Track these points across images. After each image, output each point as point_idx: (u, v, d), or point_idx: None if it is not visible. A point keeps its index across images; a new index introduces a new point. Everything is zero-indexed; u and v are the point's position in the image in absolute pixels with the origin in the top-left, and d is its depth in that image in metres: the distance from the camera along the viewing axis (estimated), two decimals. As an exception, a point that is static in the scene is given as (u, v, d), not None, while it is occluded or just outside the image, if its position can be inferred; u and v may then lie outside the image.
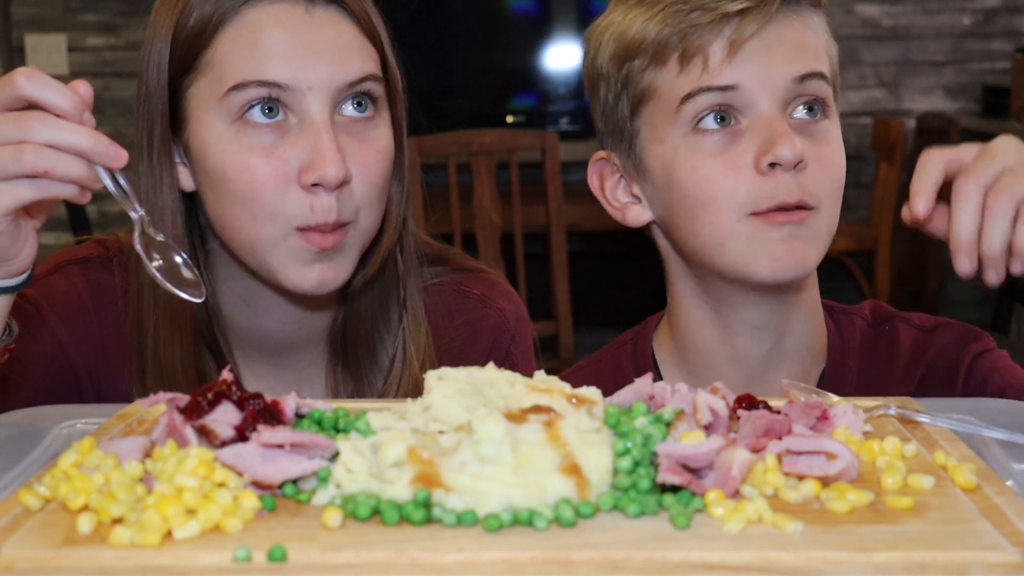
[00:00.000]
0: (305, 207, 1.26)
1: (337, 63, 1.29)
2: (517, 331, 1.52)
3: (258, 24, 1.28)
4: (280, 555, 0.77)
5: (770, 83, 1.31)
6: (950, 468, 0.91)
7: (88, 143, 1.03)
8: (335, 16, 1.31)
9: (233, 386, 0.96)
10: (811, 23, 1.36)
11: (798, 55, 1.33)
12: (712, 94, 1.31)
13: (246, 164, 1.27)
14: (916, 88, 5.05)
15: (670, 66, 1.34)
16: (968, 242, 1.12)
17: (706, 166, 1.32)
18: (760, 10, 1.32)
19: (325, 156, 1.25)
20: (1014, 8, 5.03)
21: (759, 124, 1.31)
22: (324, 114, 1.28)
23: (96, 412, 1.15)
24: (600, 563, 0.76)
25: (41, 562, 0.77)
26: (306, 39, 1.28)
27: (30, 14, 4.87)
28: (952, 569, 0.75)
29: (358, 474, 0.87)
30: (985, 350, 1.42)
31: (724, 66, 1.31)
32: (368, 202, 1.31)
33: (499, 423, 0.86)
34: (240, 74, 1.27)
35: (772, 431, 0.94)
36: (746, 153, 1.30)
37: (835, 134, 1.36)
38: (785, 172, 1.29)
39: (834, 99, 1.38)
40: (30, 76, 1.03)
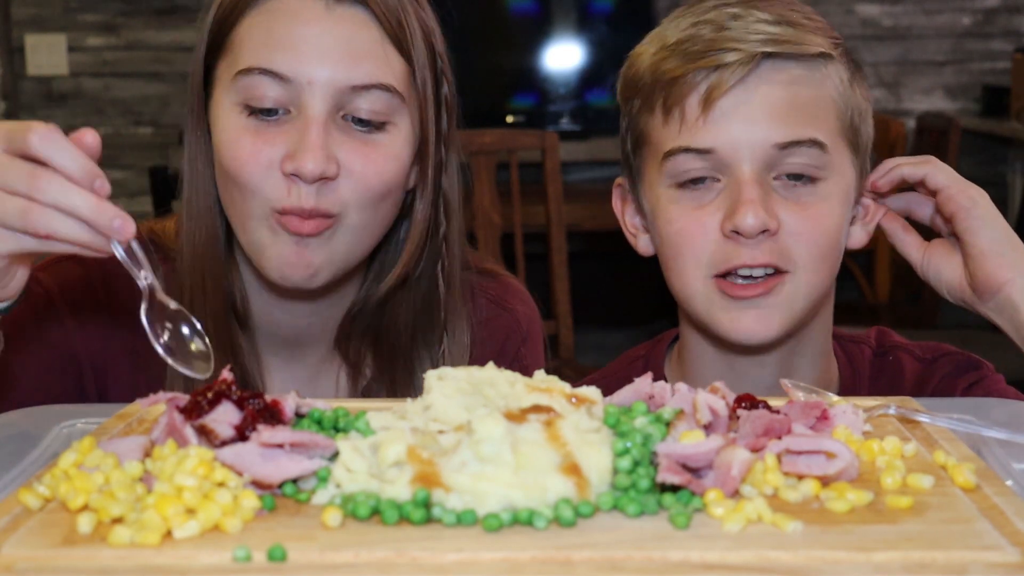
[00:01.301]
0: (283, 191, 1.28)
1: (343, 63, 1.28)
2: (529, 333, 1.53)
3: (276, 13, 1.30)
4: (280, 555, 0.77)
5: (748, 148, 1.28)
6: (950, 468, 0.91)
7: (93, 214, 1.00)
8: (358, 16, 1.30)
9: (233, 386, 0.96)
10: (813, 78, 1.30)
11: (784, 119, 1.28)
12: (690, 156, 1.30)
13: (235, 142, 1.29)
14: (916, 88, 5.05)
15: (656, 114, 1.33)
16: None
17: (680, 221, 1.31)
18: (740, 66, 1.27)
19: (307, 149, 1.26)
20: (1014, 8, 5.02)
21: (732, 186, 1.29)
22: (319, 109, 1.28)
23: (96, 412, 1.15)
24: (600, 563, 0.76)
25: (41, 562, 0.77)
26: (317, 34, 1.28)
27: (30, 14, 4.87)
28: (952, 569, 0.75)
29: (358, 474, 0.87)
30: (981, 378, 1.42)
31: (700, 124, 1.28)
32: (358, 202, 1.30)
33: (499, 423, 0.86)
34: (248, 60, 1.29)
35: (772, 431, 0.94)
36: (716, 214, 1.29)
37: (828, 195, 1.31)
38: (749, 240, 1.27)
39: (853, 149, 1.33)
40: (44, 136, 1.01)
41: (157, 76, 4.92)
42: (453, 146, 1.43)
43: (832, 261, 1.33)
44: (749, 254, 1.28)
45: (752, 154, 1.28)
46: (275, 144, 1.28)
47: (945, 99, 5.06)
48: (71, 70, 4.86)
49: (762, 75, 1.28)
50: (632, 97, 1.37)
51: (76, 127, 1.06)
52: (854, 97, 1.34)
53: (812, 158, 1.29)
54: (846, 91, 1.33)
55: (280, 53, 1.28)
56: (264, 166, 1.28)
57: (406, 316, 1.42)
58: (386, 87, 1.30)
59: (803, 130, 1.28)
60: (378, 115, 1.31)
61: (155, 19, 4.90)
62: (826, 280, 1.34)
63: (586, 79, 4.80)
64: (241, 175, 1.29)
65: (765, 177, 1.29)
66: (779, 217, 1.28)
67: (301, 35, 1.28)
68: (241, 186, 1.30)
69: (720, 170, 1.29)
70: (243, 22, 1.31)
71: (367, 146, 1.31)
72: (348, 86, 1.28)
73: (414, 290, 1.42)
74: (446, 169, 1.41)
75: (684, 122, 1.29)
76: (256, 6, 1.31)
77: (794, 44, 1.28)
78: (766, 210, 1.27)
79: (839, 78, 1.32)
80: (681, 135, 1.30)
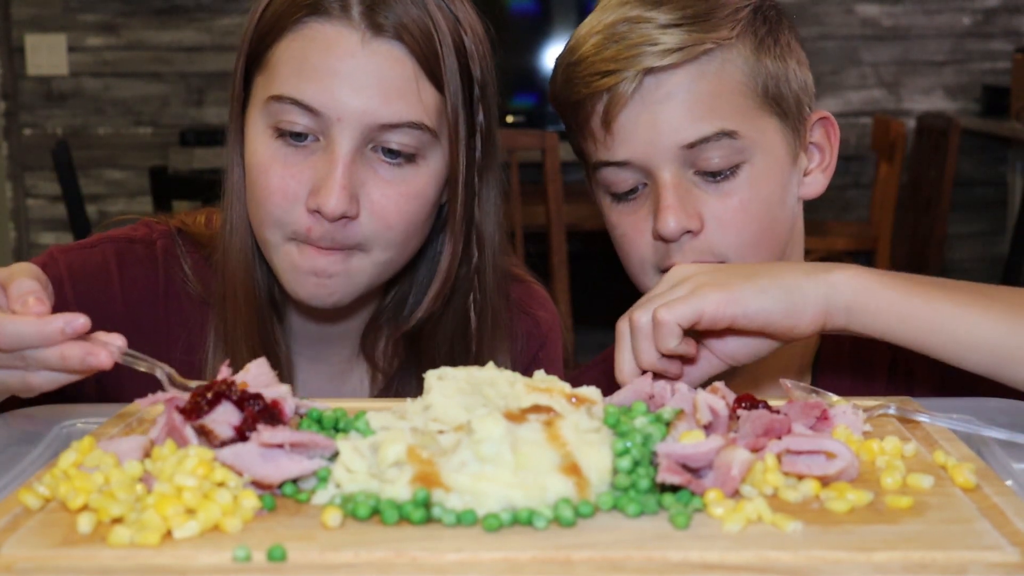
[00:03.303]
0: (304, 226, 1.28)
1: (375, 101, 1.27)
2: (548, 339, 1.53)
3: (312, 41, 1.28)
4: (280, 555, 0.77)
5: (658, 155, 1.29)
6: (950, 468, 0.91)
7: (73, 370, 1.03)
8: (393, 52, 1.28)
9: (233, 385, 0.96)
10: (709, 71, 1.29)
11: (687, 118, 1.29)
12: (611, 168, 1.33)
13: (265, 169, 1.29)
14: (916, 88, 5.05)
15: (575, 132, 1.37)
16: (630, 374, 1.15)
17: (621, 227, 1.36)
18: (624, 84, 1.28)
19: (331, 188, 1.26)
20: (1014, 8, 5.03)
21: (655, 192, 1.31)
22: (347, 146, 1.27)
23: (96, 412, 1.15)
24: (600, 563, 0.76)
25: (41, 562, 0.77)
26: (350, 70, 1.27)
27: (30, 14, 4.87)
28: (952, 569, 0.75)
29: (358, 474, 0.87)
30: None
31: (609, 140, 1.31)
32: (382, 239, 1.30)
33: (499, 423, 0.86)
34: (281, 87, 1.28)
35: (772, 431, 0.94)
36: (648, 217, 1.32)
37: (753, 176, 1.31)
38: (675, 242, 1.30)
39: (779, 114, 1.33)
40: (4, 336, 1.01)
41: (157, 76, 4.92)
42: (491, 173, 1.40)
43: (769, 240, 1.33)
44: (679, 257, 1.30)
45: (664, 158, 1.30)
46: (301, 179, 1.28)
47: (945, 99, 5.06)
48: (71, 70, 4.86)
49: (652, 83, 1.29)
50: (560, 113, 1.41)
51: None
52: (763, 66, 1.32)
53: (725, 149, 1.30)
54: (752, 67, 1.32)
55: (312, 85, 1.27)
56: (289, 200, 1.28)
57: (443, 340, 1.43)
58: (417, 125, 1.29)
59: (709, 125, 1.29)
60: (408, 148, 1.30)
61: (155, 19, 4.90)
62: (769, 255, 1.34)
63: (586, 79, 4.80)
64: (265, 206, 1.30)
65: (684, 176, 1.30)
66: (701, 214, 1.30)
67: (334, 69, 1.27)
68: (264, 214, 1.30)
69: (644, 176, 1.32)
70: (281, 43, 1.30)
71: (392, 184, 1.30)
72: (377, 124, 1.27)
73: (448, 316, 1.42)
74: (480, 199, 1.39)
75: (595, 140, 1.34)
76: (294, 28, 1.29)
77: (684, 50, 1.28)
78: (686, 211, 1.29)
79: (741, 58, 1.31)
80: (598, 151, 1.34)
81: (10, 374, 1.05)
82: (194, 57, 4.92)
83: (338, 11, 1.27)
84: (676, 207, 1.28)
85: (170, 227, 1.46)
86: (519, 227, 3.45)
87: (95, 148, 4.92)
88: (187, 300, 1.43)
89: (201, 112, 4.94)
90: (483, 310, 1.42)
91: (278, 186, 1.29)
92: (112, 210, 4.85)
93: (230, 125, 1.38)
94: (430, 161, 1.32)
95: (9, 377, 1.05)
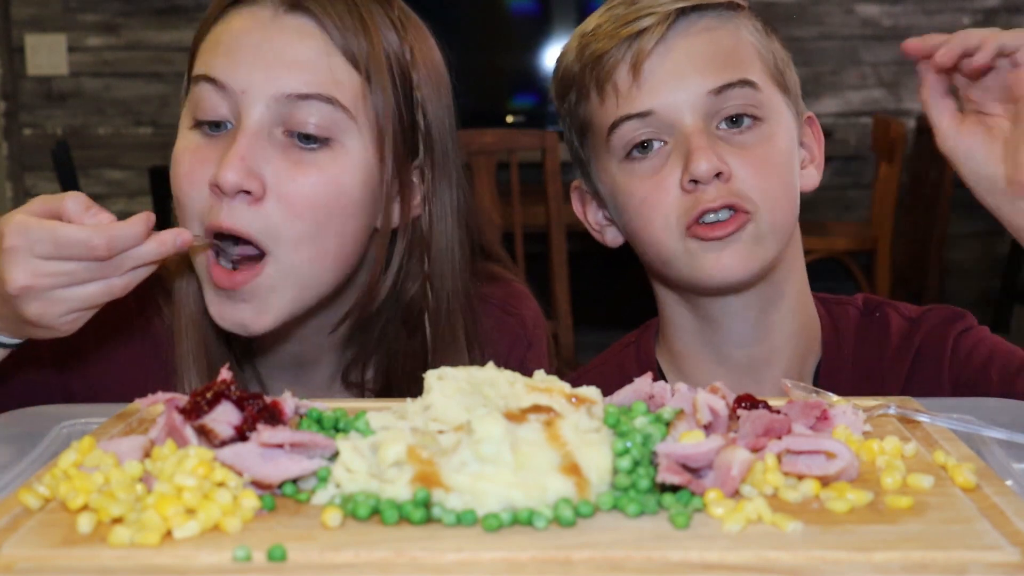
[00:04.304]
0: (207, 206, 1.25)
1: (279, 71, 1.24)
2: (533, 339, 1.52)
3: (228, 24, 1.29)
4: (280, 555, 0.77)
5: (685, 101, 1.31)
6: (950, 468, 0.91)
7: (164, 252, 1.16)
8: (304, 27, 1.26)
9: (232, 386, 0.96)
10: (728, 28, 1.35)
11: (712, 66, 1.32)
12: (632, 122, 1.33)
13: (178, 160, 1.28)
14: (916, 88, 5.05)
15: (591, 98, 1.37)
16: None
17: (641, 191, 1.34)
18: (656, 27, 1.32)
19: (227, 160, 1.22)
20: (1014, 8, 5.03)
21: (680, 142, 1.32)
22: (252, 120, 1.23)
23: (96, 412, 1.15)
24: (600, 563, 0.76)
25: (41, 562, 0.77)
26: (257, 42, 1.25)
27: (30, 14, 4.87)
28: (952, 569, 0.75)
29: (358, 474, 0.87)
30: (967, 328, 1.44)
31: (634, 91, 1.32)
32: (288, 233, 1.24)
33: (499, 423, 0.86)
34: (197, 68, 1.29)
35: (772, 431, 0.94)
36: (673, 173, 1.32)
37: (771, 135, 1.35)
38: (707, 185, 1.30)
39: (784, 91, 1.37)
40: (108, 245, 1.12)
41: (157, 76, 4.92)
42: (444, 179, 1.36)
43: (789, 199, 1.36)
44: (709, 197, 1.30)
45: (690, 106, 1.32)
46: (207, 162, 1.24)
47: (945, 99, 5.06)
48: (71, 70, 4.86)
49: (680, 30, 1.33)
50: (566, 93, 1.41)
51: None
52: (772, 44, 1.39)
53: (748, 98, 1.33)
54: (763, 38, 1.38)
55: (220, 60, 1.26)
56: (196, 185, 1.25)
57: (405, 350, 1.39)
58: (328, 99, 1.24)
59: (732, 73, 1.33)
60: (321, 130, 1.24)
61: (155, 19, 4.90)
62: (788, 217, 1.36)
63: (586, 79, 4.80)
64: (177, 195, 1.27)
65: (708, 126, 1.32)
66: (729, 164, 1.31)
67: (241, 43, 1.26)
68: (183, 211, 1.27)
69: (664, 131, 1.33)
70: (206, 37, 1.31)
71: (300, 166, 1.24)
72: (283, 94, 1.23)
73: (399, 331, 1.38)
74: (428, 204, 1.35)
75: (619, 94, 1.34)
76: (219, 19, 1.30)
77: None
78: (717, 156, 1.30)
79: (753, 26, 1.38)
80: (619, 106, 1.34)
81: (96, 285, 1.13)
82: (194, 57, 4.92)
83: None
84: (707, 148, 1.29)
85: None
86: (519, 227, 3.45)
87: (95, 148, 4.92)
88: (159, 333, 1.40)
89: (201, 112, 4.94)
90: (436, 322, 1.37)
91: (185, 172, 1.26)
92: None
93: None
94: (348, 148, 1.26)
95: (95, 289, 1.14)
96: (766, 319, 1.41)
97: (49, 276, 1.11)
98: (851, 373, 1.42)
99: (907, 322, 1.46)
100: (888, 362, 1.44)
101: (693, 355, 1.44)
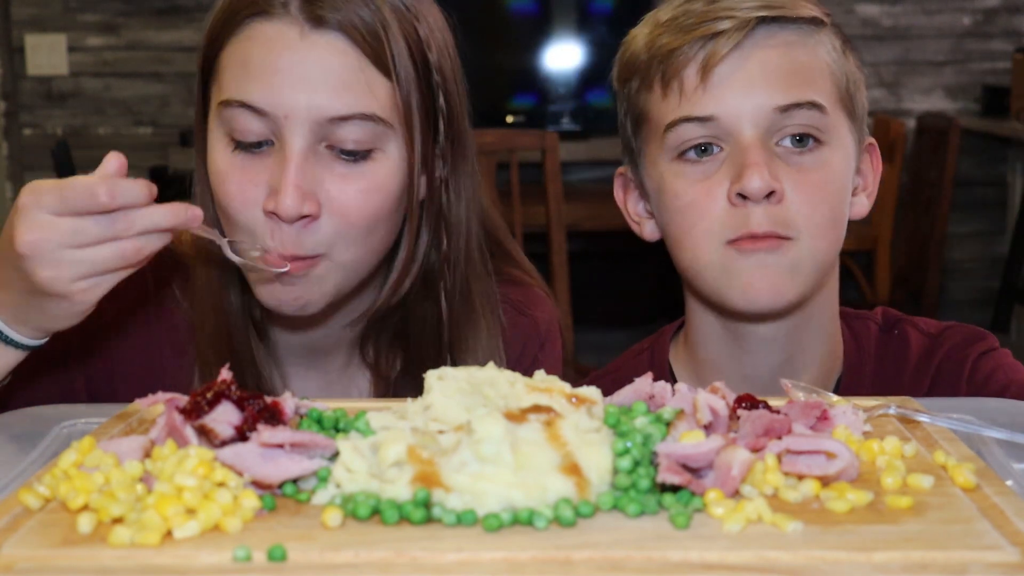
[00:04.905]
0: (267, 232, 1.26)
1: (320, 95, 1.24)
2: (547, 339, 1.52)
3: (252, 40, 1.27)
4: (280, 555, 0.77)
5: (749, 113, 1.28)
6: (950, 468, 0.91)
7: (173, 220, 1.13)
8: (335, 43, 1.25)
9: (232, 386, 0.96)
10: (807, 43, 1.31)
11: (783, 82, 1.29)
12: (691, 125, 1.30)
13: (224, 178, 1.28)
14: (916, 88, 5.05)
15: (655, 90, 1.33)
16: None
17: (687, 195, 1.31)
18: (735, 32, 1.28)
19: (285, 188, 1.23)
20: (1014, 8, 5.03)
21: (736, 152, 1.29)
22: (298, 144, 1.24)
23: (96, 412, 1.15)
24: (600, 563, 0.76)
25: (41, 562, 0.77)
26: (291, 65, 1.24)
27: (30, 14, 4.87)
28: (952, 569, 0.75)
29: (358, 474, 0.87)
30: (989, 349, 1.42)
31: (700, 93, 1.29)
32: (343, 239, 1.27)
33: (499, 423, 0.86)
34: (227, 91, 1.27)
35: (772, 431, 0.94)
36: (723, 183, 1.29)
37: (832, 161, 1.31)
38: (756, 203, 1.27)
39: (850, 116, 1.34)
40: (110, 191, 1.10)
41: (157, 76, 4.92)
42: (462, 160, 1.38)
43: (836, 229, 1.33)
44: (756, 220, 1.27)
45: (753, 119, 1.28)
46: (258, 182, 1.26)
47: (945, 99, 5.06)
48: (71, 70, 4.86)
49: (757, 40, 1.29)
50: (629, 79, 1.38)
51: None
52: (848, 65, 1.35)
53: (813, 120, 1.29)
54: (840, 58, 1.34)
55: (255, 84, 1.25)
56: (249, 207, 1.26)
57: (430, 328, 1.41)
58: (368, 116, 1.25)
59: (802, 92, 1.29)
60: (362, 144, 1.26)
61: (155, 19, 4.90)
62: (832, 247, 1.33)
63: (586, 79, 4.81)
64: (231, 213, 1.28)
65: (768, 142, 1.29)
66: (782, 184, 1.28)
67: (275, 66, 1.25)
68: (231, 223, 1.29)
69: (722, 138, 1.30)
70: (226, 48, 1.29)
71: (349, 180, 1.27)
72: (326, 118, 1.24)
73: (430, 306, 1.40)
74: (448, 185, 1.37)
75: (683, 93, 1.30)
76: (237, 32, 1.28)
77: (787, 9, 1.30)
78: (771, 171, 1.27)
79: (831, 45, 1.34)
80: (681, 106, 1.30)
81: (107, 248, 1.11)
82: (194, 57, 4.88)
83: (278, 8, 1.26)
84: (762, 165, 1.26)
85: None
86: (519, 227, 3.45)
87: (95, 148, 4.92)
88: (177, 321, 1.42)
89: (201, 112, 4.94)
90: (452, 298, 1.40)
91: (236, 192, 1.27)
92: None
93: (195, 137, 1.37)
94: (388, 153, 1.29)
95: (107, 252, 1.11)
96: (796, 340, 1.39)
97: (56, 231, 1.09)
98: (871, 390, 1.41)
99: (927, 339, 1.45)
100: (908, 380, 1.42)
101: (720, 366, 1.42)
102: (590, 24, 4.84)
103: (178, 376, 1.39)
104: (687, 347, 1.47)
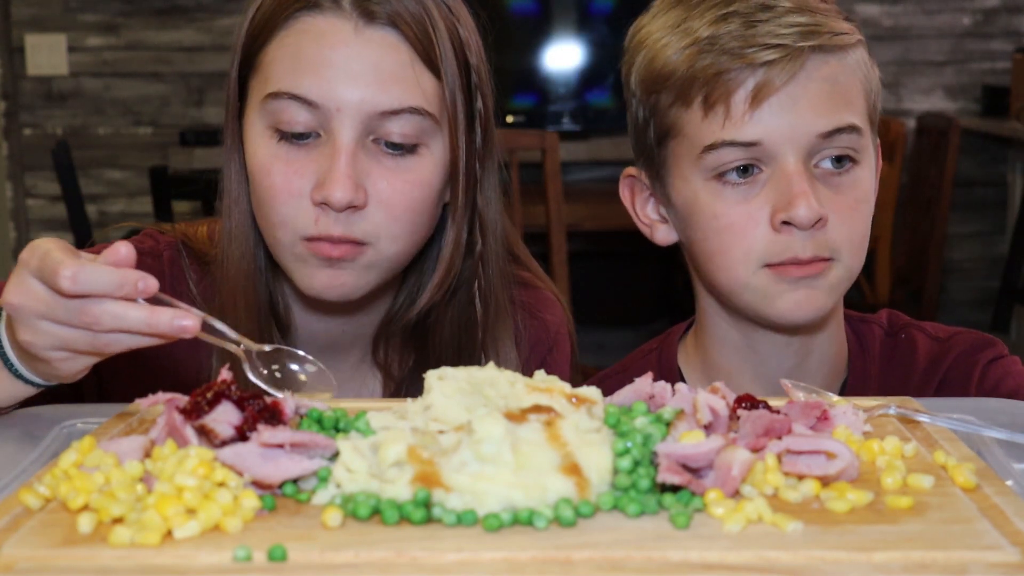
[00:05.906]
0: (311, 220, 1.28)
1: (372, 89, 1.26)
2: (556, 342, 1.52)
3: (304, 34, 1.28)
4: (280, 555, 0.77)
5: (794, 139, 1.28)
6: (950, 468, 0.91)
7: (150, 326, 1.01)
8: (387, 39, 1.28)
9: (233, 386, 0.96)
10: (846, 64, 1.31)
11: (826, 109, 1.29)
12: (734, 149, 1.29)
13: (268, 170, 1.29)
14: (916, 88, 5.05)
15: (694, 108, 1.31)
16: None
17: (727, 216, 1.31)
18: (788, 63, 1.27)
19: (335, 179, 1.25)
20: (1014, 8, 5.02)
21: (779, 177, 1.28)
22: (348, 136, 1.27)
23: (96, 412, 1.15)
24: (600, 563, 0.76)
25: (41, 562, 0.77)
26: (345, 59, 1.26)
27: (30, 14, 4.87)
28: (952, 569, 0.75)
29: (358, 474, 0.87)
30: (998, 356, 1.42)
31: (746, 118, 1.28)
32: (389, 231, 1.30)
33: (499, 423, 0.86)
34: (277, 83, 1.28)
35: (772, 431, 0.94)
36: (764, 207, 1.29)
37: (864, 178, 1.32)
38: (801, 231, 1.27)
39: (873, 127, 1.35)
40: (73, 279, 1.00)
41: (157, 76, 4.92)
42: (491, 161, 1.40)
43: (865, 244, 1.34)
44: (800, 246, 1.28)
45: (797, 145, 1.28)
46: (305, 174, 1.28)
47: (945, 99, 5.06)
48: (71, 70, 4.86)
49: (809, 71, 1.28)
50: (658, 91, 1.35)
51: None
52: (873, 75, 1.35)
53: (851, 142, 1.30)
54: (870, 72, 1.34)
55: (308, 78, 1.26)
56: (295, 197, 1.28)
57: (449, 332, 1.42)
58: (417, 110, 1.28)
59: (843, 117, 1.29)
60: (409, 138, 1.29)
61: (155, 19, 4.90)
62: (861, 263, 1.34)
63: (586, 79, 4.80)
64: (272, 205, 1.29)
65: (808, 165, 1.29)
66: (825, 210, 1.28)
67: (329, 59, 1.26)
68: (272, 214, 1.30)
69: (764, 160, 1.29)
70: (273, 41, 1.30)
71: (396, 173, 1.29)
72: (377, 112, 1.27)
73: (452, 307, 1.42)
74: (482, 186, 1.39)
75: (729, 117, 1.29)
76: (286, 25, 1.29)
77: (830, 35, 1.29)
78: (817, 202, 1.27)
79: (864, 62, 1.34)
80: (725, 129, 1.29)
81: (76, 331, 1.02)
82: (194, 57, 4.91)
83: (329, 2, 1.28)
84: (810, 194, 1.27)
85: (175, 238, 1.46)
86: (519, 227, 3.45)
87: (95, 148, 4.92)
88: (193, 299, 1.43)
89: (201, 112, 4.93)
90: (487, 297, 1.42)
91: (282, 185, 1.28)
92: (112, 210, 4.84)
93: (225, 133, 1.37)
94: (432, 149, 1.32)
95: (74, 334, 1.02)
96: (808, 345, 1.40)
97: (30, 298, 1.04)
98: (876, 394, 1.41)
99: (935, 344, 1.45)
100: (914, 385, 1.43)
101: (731, 369, 1.42)
102: (590, 24, 4.84)
103: (189, 369, 1.39)
104: (697, 349, 1.47)
